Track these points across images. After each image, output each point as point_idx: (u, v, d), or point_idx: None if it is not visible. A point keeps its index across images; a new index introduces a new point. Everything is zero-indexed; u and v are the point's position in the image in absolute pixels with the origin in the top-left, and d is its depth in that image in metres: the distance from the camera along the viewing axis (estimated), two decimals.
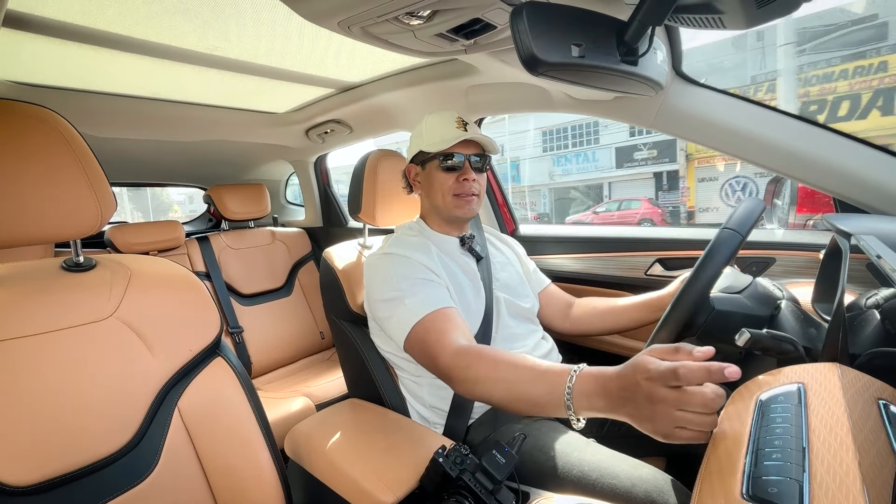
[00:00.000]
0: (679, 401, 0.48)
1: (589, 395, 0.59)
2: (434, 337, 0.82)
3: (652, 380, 0.50)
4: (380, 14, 0.82)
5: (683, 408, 0.48)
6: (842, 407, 0.41)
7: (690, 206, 13.94)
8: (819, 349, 0.59)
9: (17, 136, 0.61)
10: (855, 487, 0.33)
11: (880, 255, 0.56)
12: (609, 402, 0.56)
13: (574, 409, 0.60)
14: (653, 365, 0.51)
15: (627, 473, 0.76)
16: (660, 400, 0.49)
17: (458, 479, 0.66)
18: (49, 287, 0.66)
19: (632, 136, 15.25)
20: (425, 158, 1.02)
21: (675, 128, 1.08)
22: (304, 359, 2.07)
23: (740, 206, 0.70)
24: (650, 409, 0.50)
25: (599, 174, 16.31)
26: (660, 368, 0.50)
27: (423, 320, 0.84)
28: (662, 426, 0.50)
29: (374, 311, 0.96)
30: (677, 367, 0.48)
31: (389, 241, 1.01)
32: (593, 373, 0.60)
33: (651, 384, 0.50)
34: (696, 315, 0.66)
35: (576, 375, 0.61)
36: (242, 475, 0.73)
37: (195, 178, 2.49)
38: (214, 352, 0.77)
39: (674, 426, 0.49)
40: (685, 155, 13.68)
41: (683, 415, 0.48)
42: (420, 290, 0.89)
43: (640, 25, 0.64)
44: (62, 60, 1.15)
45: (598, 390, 0.58)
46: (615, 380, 0.56)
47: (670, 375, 0.48)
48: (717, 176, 13.46)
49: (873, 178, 0.90)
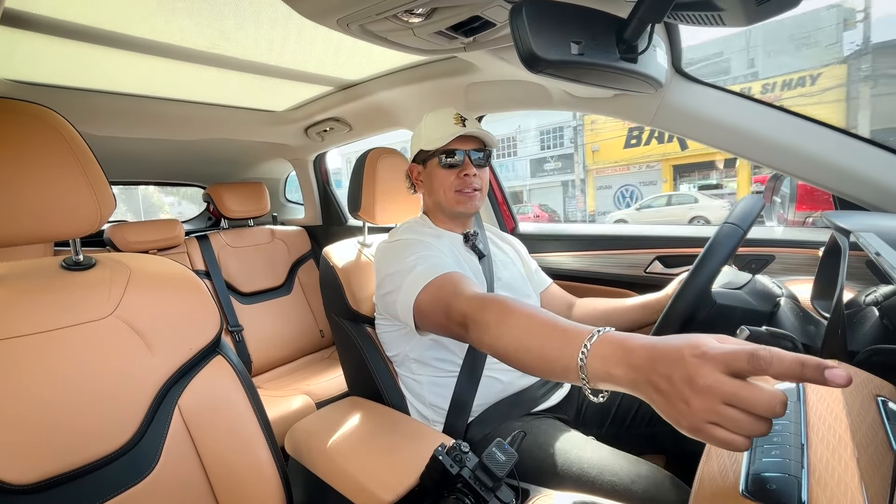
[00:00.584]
0: (736, 394, 0.37)
1: (606, 359, 0.49)
2: (449, 288, 0.78)
3: (705, 358, 0.39)
4: (379, 12, 0.82)
5: (737, 404, 0.37)
6: (840, 404, 0.41)
7: (591, 211, 16.67)
8: (818, 346, 0.59)
9: (16, 135, 0.61)
10: (853, 484, 0.33)
11: (879, 253, 0.56)
12: (629, 373, 0.46)
13: (588, 373, 0.51)
14: (710, 344, 0.40)
15: (627, 470, 0.76)
16: (706, 387, 0.38)
17: (457, 476, 0.66)
18: (49, 286, 0.66)
19: (542, 149, 18.39)
20: (426, 157, 1.02)
21: (674, 125, 1.08)
22: (304, 357, 2.07)
23: (740, 202, 0.70)
24: (686, 393, 0.39)
25: (519, 182, 18.99)
26: (723, 348, 0.39)
27: (435, 279, 0.81)
28: (695, 419, 0.39)
29: (383, 288, 0.93)
30: (757, 349, 0.36)
31: (401, 229, 1.02)
32: (618, 337, 0.50)
33: (701, 364, 0.39)
34: (697, 309, 0.66)
35: (598, 335, 0.52)
36: (243, 473, 0.73)
37: (194, 176, 2.49)
38: (214, 350, 0.77)
39: (709, 421, 0.38)
40: (583, 167, 16.35)
41: (731, 412, 0.37)
42: (428, 259, 0.88)
43: (639, 23, 0.64)
44: (61, 59, 1.15)
45: (619, 356, 0.48)
46: (645, 349, 0.46)
47: (743, 357, 0.37)
48: (612, 184, 16.34)
49: (872, 176, 0.90)
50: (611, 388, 0.50)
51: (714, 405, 0.37)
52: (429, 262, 0.86)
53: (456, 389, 0.96)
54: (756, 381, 0.37)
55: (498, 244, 1.18)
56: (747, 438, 0.37)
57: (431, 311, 0.80)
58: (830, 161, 0.93)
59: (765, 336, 0.57)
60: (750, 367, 0.36)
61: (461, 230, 1.07)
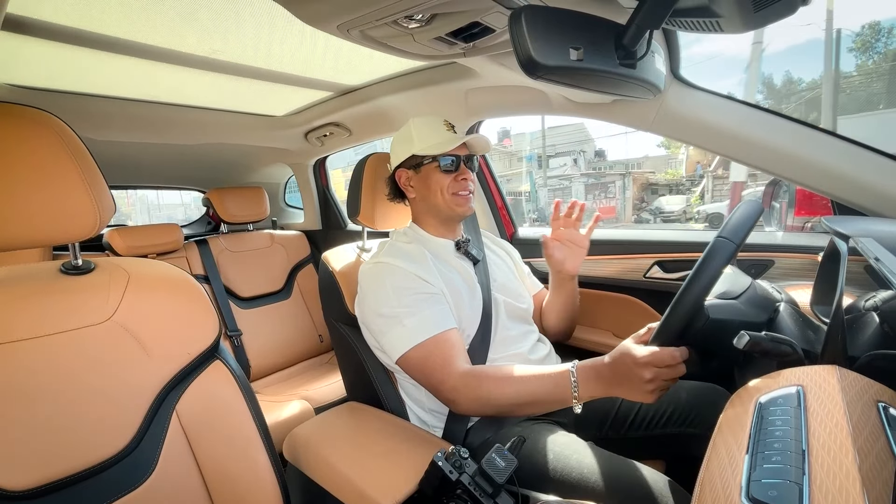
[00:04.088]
0: (659, 368, 0.67)
1: (588, 381, 0.75)
2: (438, 362, 0.85)
3: (639, 364, 0.68)
4: (379, 17, 0.82)
5: (664, 371, 0.67)
6: (841, 409, 0.41)
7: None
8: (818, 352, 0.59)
9: (15, 139, 0.61)
10: (854, 490, 0.33)
11: (878, 258, 0.56)
12: (604, 385, 0.74)
13: (579, 395, 0.75)
14: (638, 352, 0.69)
15: (627, 476, 0.76)
16: (650, 378, 0.67)
17: (457, 482, 0.65)
18: (47, 290, 0.66)
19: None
20: (419, 162, 1.02)
21: (673, 131, 1.08)
22: (303, 362, 2.06)
23: (736, 210, 0.70)
24: (639, 383, 0.68)
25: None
26: (645, 355, 0.68)
27: (422, 344, 0.86)
28: (647, 395, 0.69)
29: (368, 322, 0.96)
30: (654, 354, 0.68)
31: (383, 250, 1.02)
32: (587, 364, 0.77)
33: (641, 367, 0.68)
34: (690, 325, 0.67)
35: (575, 369, 0.77)
36: (241, 479, 0.72)
37: (194, 181, 2.49)
38: (213, 355, 0.77)
39: (654, 390, 0.68)
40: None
41: (663, 383, 0.68)
42: (419, 309, 0.89)
43: (638, 29, 0.64)
44: (61, 63, 1.15)
45: (595, 376, 0.75)
46: (608, 366, 0.73)
47: (652, 360, 0.67)
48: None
49: (871, 181, 0.90)
50: (590, 398, 0.76)
51: (657, 376, 0.67)
52: (416, 318, 0.88)
53: None
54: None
55: (493, 249, 1.20)
56: (673, 381, 0.69)
57: (416, 375, 0.89)
58: (829, 166, 0.93)
59: (765, 341, 0.57)
60: (657, 364, 0.67)
61: (452, 237, 1.08)
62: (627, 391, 0.71)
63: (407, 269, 0.94)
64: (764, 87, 20.44)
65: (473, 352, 0.95)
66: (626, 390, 0.71)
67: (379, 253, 1.02)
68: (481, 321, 0.98)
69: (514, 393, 0.80)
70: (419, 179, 1.04)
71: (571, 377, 0.76)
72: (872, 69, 16.83)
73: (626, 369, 0.70)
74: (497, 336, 1.01)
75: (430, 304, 0.90)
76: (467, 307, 0.97)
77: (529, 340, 1.06)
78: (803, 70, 34.82)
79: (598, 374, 0.74)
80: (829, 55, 10.47)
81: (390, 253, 0.98)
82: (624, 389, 0.71)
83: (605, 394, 0.74)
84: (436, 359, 0.86)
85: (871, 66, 17.00)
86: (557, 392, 0.77)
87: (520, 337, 1.05)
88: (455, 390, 0.83)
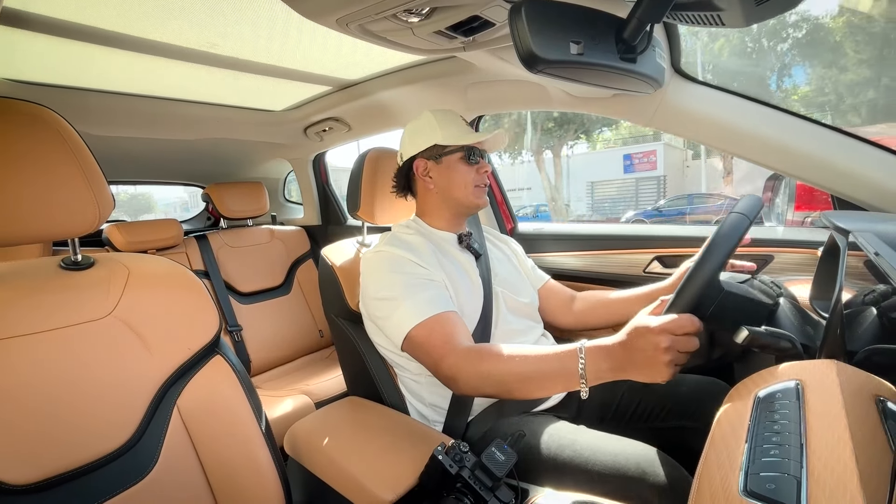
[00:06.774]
0: (675, 335, 0.61)
1: (598, 360, 0.68)
2: (439, 339, 0.84)
3: (655, 332, 0.61)
4: (378, 11, 0.82)
5: (678, 340, 0.61)
6: (839, 404, 0.41)
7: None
8: (817, 346, 0.59)
9: (14, 135, 0.61)
10: (852, 484, 0.33)
11: (878, 253, 0.56)
12: (615, 364, 0.66)
13: (586, 377, 0.68)
14: (653, 322, 0.62)
15: (619, 448, 0.79)
16: (667, 346, 0.60)
17: (457, 476, 0.66)
18: (47, 286, 0.66)
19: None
20: (442, 152, 1.02)
21: (673, 125, 1.08)
22: (303, 357, 2.07)
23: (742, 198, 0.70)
24: (655, 354, 0.61)
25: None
26: (662, 322, 0.61)
27: (424, 322, 0.85)
28: (663, 368, 0.61)
29: (370, 309, 0.96)
30: (672, 320, 0.61)
31: (385, 239, 1.02)
32: (597, 344, 0.69)
33: (657, 334, 0.61)
34: (705, 297, 0.66)
35: (584, 348, 0.69)
36: (242, 473, 0.73)
37: (193, 176, 2.48)
38: (213, 350, 0.77)
39: (669, 362, 0.61)
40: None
41: (678, 355, 0.61)
42: (419, 291, 0.89)
43: (638, 23, 0.64)
44: (59, 58, 1.15)
45: (605, 355, 0.68)
46: (620, 343, 0.66)
47: (669, 327, 0.61)
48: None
49: (872, 176, 0.90)
50: (599, 382, 0.68)
51: (674, 348, 0.60)
52: (416, 299, 0.88)
53: None
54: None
55: (495, 243, 1.20)
56: (688, 354, 0.62)
57: (419, 355, 0.87)
58: (830, 161, 0.93)
59: (764, 336, 0.57)
60: (673, 325, 0.61)
61: (456, 230, 1.08)
62: (640, 368, 0.63)
63: (408, 256, 0.94)
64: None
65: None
66: (639, 368, 0.63)
67: (381, 243, 1.02)
68: (482, 314, 0.98)
69: (517, 368, 0.74)
70: (440, 170, 1.03)
71: (579, 354, 0.69)
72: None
73: (641, 342, 0.63)
74: (498, 329, 1.01)
75: (430, 288, 0.90)
76: (468, 299, 0.98)
77: (532, 335, 1.06)
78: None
79: (608, 352, 0.67)
80: None
81: (391, 242, 0.98)
82: (636, 367, 0.64)
83: (615, 376, 0.67)
84: (438, 336, 0.84)
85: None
86: (563, 370, 0.70)
87: (522, 331, 1.05)
88: (456, 366, 0.80)
